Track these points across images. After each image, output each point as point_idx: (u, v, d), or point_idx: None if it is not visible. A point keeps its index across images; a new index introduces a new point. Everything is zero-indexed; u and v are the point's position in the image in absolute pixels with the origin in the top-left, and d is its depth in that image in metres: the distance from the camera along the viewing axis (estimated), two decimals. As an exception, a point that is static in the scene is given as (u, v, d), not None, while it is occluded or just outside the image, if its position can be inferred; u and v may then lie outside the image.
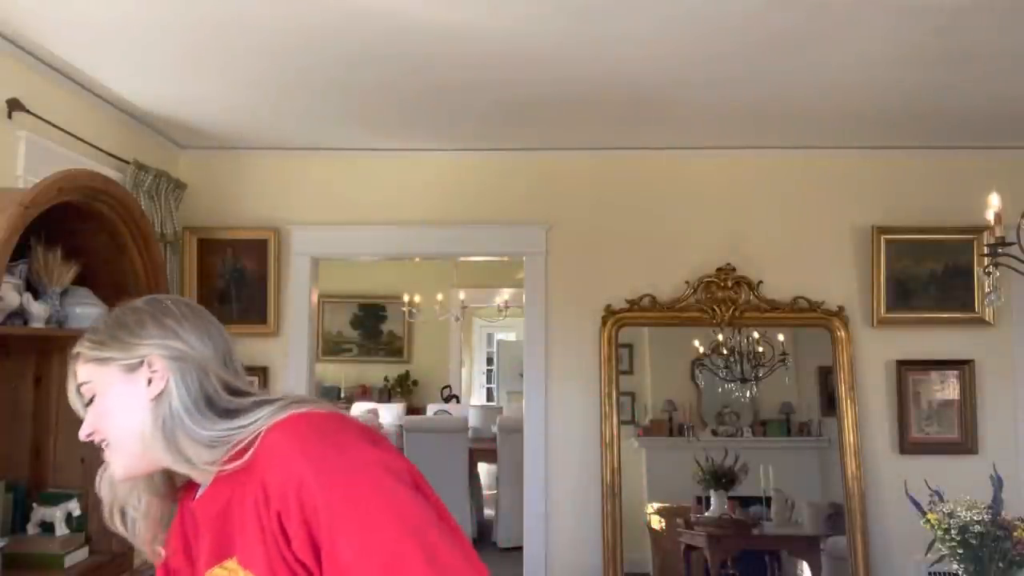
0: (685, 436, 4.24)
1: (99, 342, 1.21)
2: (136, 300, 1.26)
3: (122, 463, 1.21)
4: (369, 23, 2.69)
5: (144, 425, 1.18)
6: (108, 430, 1.20)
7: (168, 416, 1.17)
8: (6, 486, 2.49)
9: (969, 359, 4.01)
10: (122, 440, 1.20)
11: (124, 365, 1.20)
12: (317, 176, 4.23)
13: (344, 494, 1.06)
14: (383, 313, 9.01)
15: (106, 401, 1.20)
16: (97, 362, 1.21)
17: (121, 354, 1.20)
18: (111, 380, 1.20)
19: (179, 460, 1.17)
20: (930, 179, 4.10)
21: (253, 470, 1.11)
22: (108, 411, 1.20)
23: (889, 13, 2.62)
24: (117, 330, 1.22)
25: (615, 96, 3.41)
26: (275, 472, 1.09)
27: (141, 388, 1.19)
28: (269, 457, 1.11)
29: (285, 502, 1.07)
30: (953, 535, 2.40)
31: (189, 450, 1.16)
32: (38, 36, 2.81)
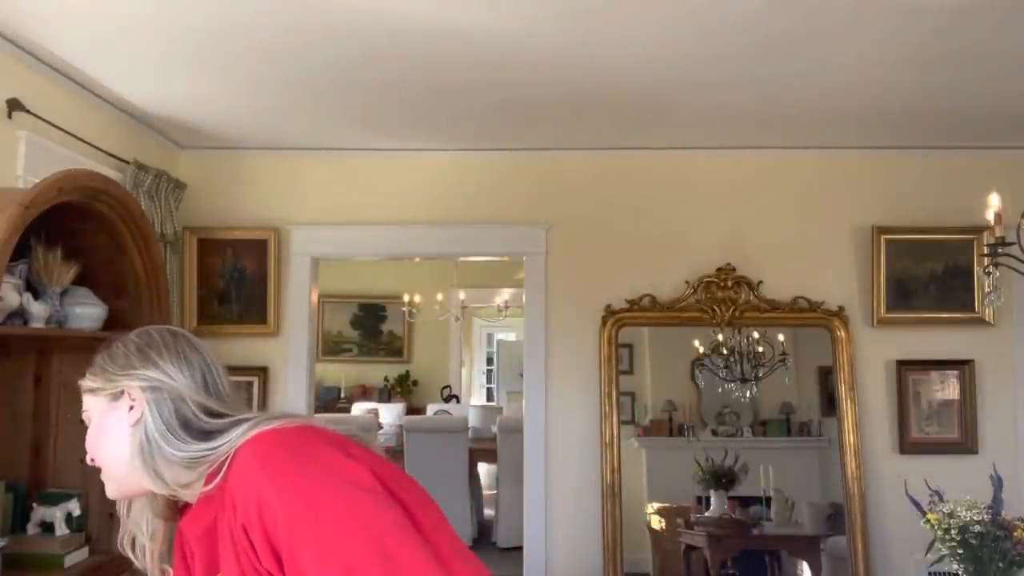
0: (685, 436, 4.24)
1: (92, 374, 1.33)
2: (131, 332, 1.36)
3: (112, 487, 1.32)
4: (369, 23, 2.69)
5: (125, 450, 1.27)
6: (98, 455, 1.31)
7: (145, 441, 1.26)
8: (6, 486, 2.49)
9: (969, 359, 4.01)
10: (109, 464, 1.30)
11: (109, 395, 1.30)
12: (317, 176, 4.23)
13: (303, 505, 1.09)
14: (383, 313, 9.00)
15: (97, 429, 1.31)
16: (90, 392, 1.32)
17: (105, 385, 1.31)
18: (100, 409, 1.31)
19: (158, 482, 1.26)
20: (930, 179, 4.10)
21: (225, 488, 1.17)
22: (99, 438, 1.31)
23: (889, 13, 2.63)
24: (106, 363, 1.32)
25: (615, 96, 3.41)
26: (239, 487, 1.14)
27: (123, 415, 1.28)
28: (236, 474, 1.16)
29: (248, 516, 1.12)
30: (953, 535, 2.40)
31: (166, 472, 1.25)
32: (38, 36, 2.81)
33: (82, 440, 1.34)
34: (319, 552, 1.07)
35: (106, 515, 2.62)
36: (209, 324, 4.07)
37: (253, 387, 4.07)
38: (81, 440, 1.34)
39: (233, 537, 1.15)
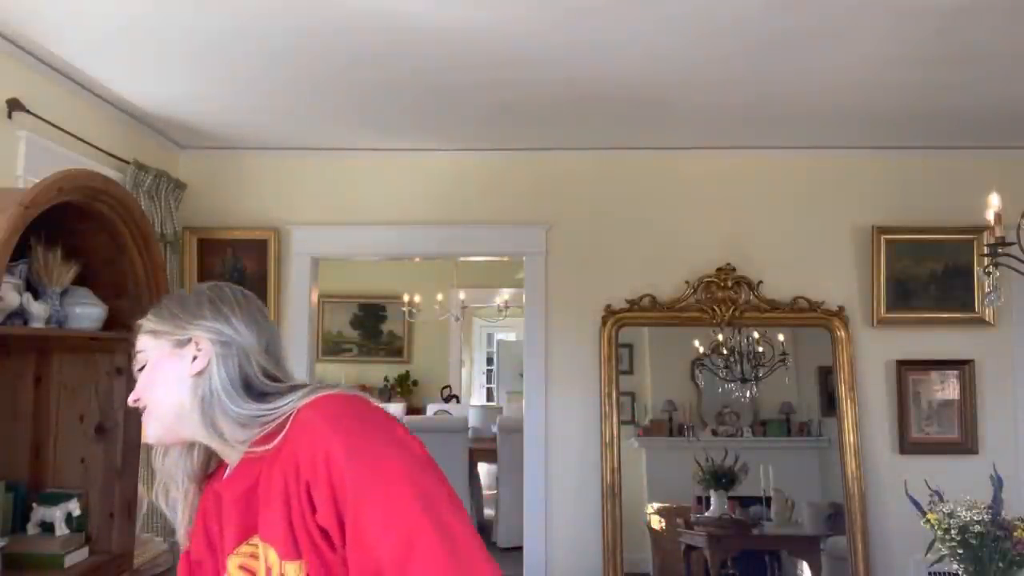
0: (685, 436, 4.24)
1: (158, 317, 1.34)
2: (201, 284, 1.39)
3: (154, 429, 1.31)
4: (369, 23, 2.69)
5: (183, 398, 1.28)
6: (150, 398, 1.31)
7: (208, 393, 1.27)
8: (6, 486, 2.49)
9: (969, 359, 4.01)
10: (159, 408, 1.30)
11: (174, 340, 1.31)
12: (317, 176, 4.23)
13: (371, 468, 1.14)
14: (383, 313, 9.00)
15: (154, 371, 1.31)
16: (152, 334, 1.33)
17: (173, 330, 1.31)
18: (161, 353, 1.31)
19: (212, 434, 1.27)
20: (930, 179, 4.10)
21: (283, 448, 1.19)
22: (154, 380, 1.31)
23: (889, 14, 2.63)
24: (175, 308, 1.33)
25: (615, 96, 3.41)
26: (306, 445, 1.16)
27: (186, 364, 1.29)
28: (301, 433, 1.18)
29: (315, 472, 1.14)
30: (953, 535, 2.40)
31: (224, 426, 1.26)
32: (38, 36, 2.81)
33: (82, 440, 1.34)
34: (384, 514, 1.11)
35: (106, 515, 2.62)
36: (209, 324, 4.07)
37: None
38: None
39: (288, 494, 1.17)
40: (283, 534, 1.17)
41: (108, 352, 2.65)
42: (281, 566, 1.17)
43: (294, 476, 1.17)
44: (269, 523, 1.20)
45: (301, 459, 1.16)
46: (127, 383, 2.64)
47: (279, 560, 1.18)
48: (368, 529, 1.11)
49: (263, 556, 1.21)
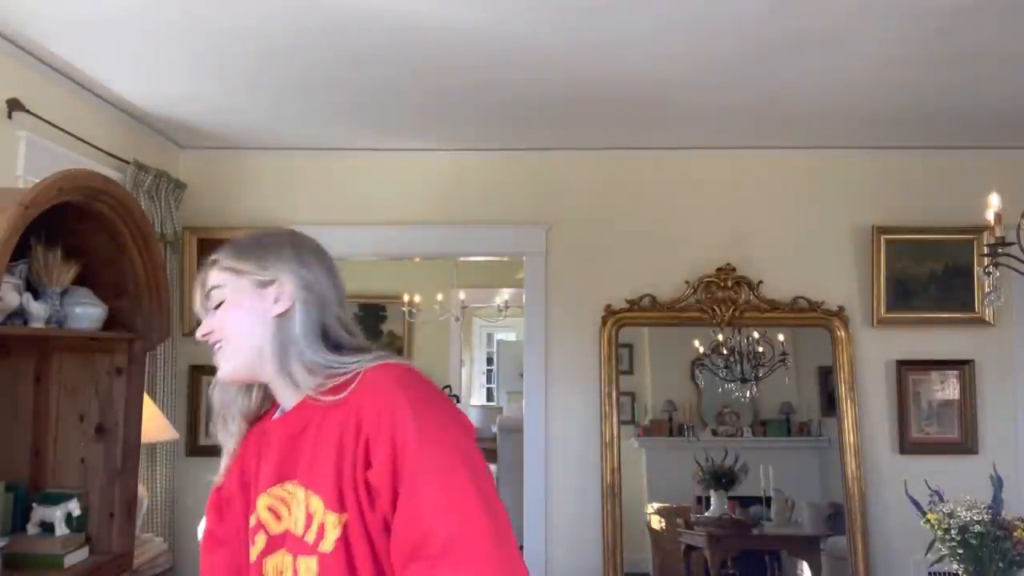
0: (685, 436, 4.24)
1: (239, 255, 1.33)
2: (276, 228, 1.41)
3: (230, 367, 1.32)
4: (370, 23, 2.69)
5: (263, 339, 1.29)
6: (228, 335, 1.31)
7: (288, 336, 1.28)
8: (6, 486, 2.49)
9: (969, 359, 4.01)
10: (237, 347, 1.31)
11: (257, 280, 1.31)
12: (317, 176, 4.22)
13: (435, 441, 1.17)
14: (383, 313, 8.99)
15: (233, 309, 1.31)
16: (233, 272, 1.32)
17: (257, 270, 1.31)
18: (242, 291, 1.31)
19: (283, 376, 1.28)
20: (930, 179, 4.10)
21: (346, 402, 1.22)
22: (233, 319, 1.30)
23: (890, 14, 2.62)
24: (258, 248, 1.34)
25: (615, 96, 3.41)
26: (372, 403, 1.20)
27: (267, 305, 1.30)
28: (368, 391, 1.21)
29: (379, 429, 1.17)
30: (953, 535, 2.40)
31: (296, 370, 1.27)
32: (38, 36, 2.81)
33: (82, 440, 1.34)
34: (442, 490, 1.14)
35: (106, 515, 2.62)
36: (209, 324, 4.07)
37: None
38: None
39: (342, 446, 1.20)
40: (331, 485, 1.20)
41: (108, 352, 2.65)
42: (324, 515, 1.20)
43: (354, 430, 1.19)
44: (316, 472, 1.22)
45: (365, 415, 1.19)
46: (127, 383, 2.65)
47: (324, 509, 1.20)
48: (425, 501, 1.13)
49: (303, 502, 1.23)
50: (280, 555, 1.27)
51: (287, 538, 1.25)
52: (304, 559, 1.21)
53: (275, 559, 1.27)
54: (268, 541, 1.29)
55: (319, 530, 1.20)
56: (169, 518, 3.78)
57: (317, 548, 1.20)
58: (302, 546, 1.22)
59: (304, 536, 1.21)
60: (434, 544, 1.11)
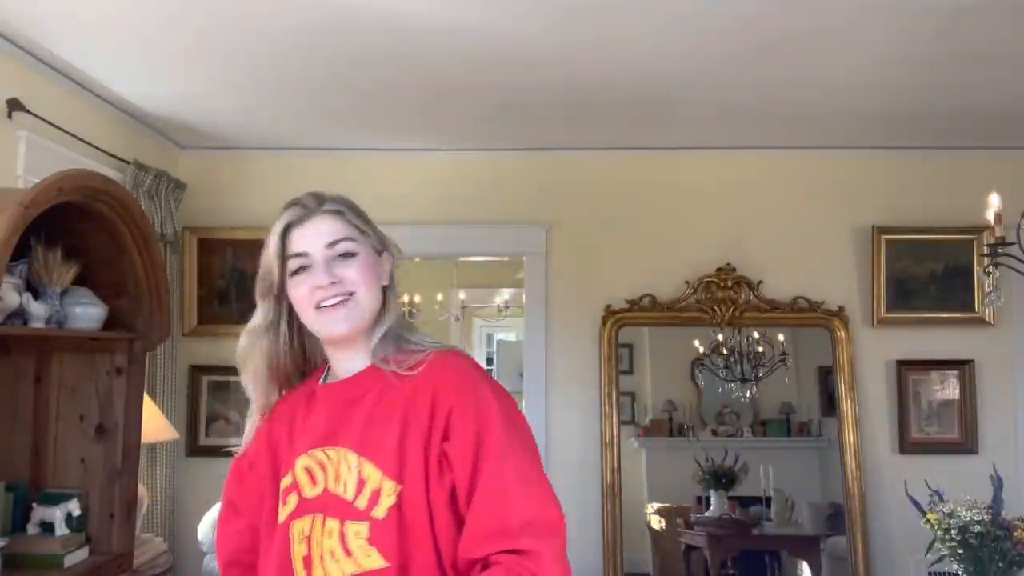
0: (685, 436, 4.24)
1: (362, 218, 1.35)
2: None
3: (352, 323, 1.29)
4: (369, 23, 2.69)
5: (377, 304, 1.31)
6: (360, 290, 1.29)
7: (392, 306, 1.33)
8: (6, 486, 2.49)
9: (969, 359, 4.01)
10: (364, 305, 1.30)
11: (374, 247, 1.34)
12: (317, 176, 4.20)
13: (511, 419, 1.24)
14: (383, 313, 8.99)
15: (367, 264, 1.31)
16: (359, 230, 1.33)
17: (376, 237, 1.35)
18: (368, 251, 1.33)
19: (368, 342, 1.30)
20: (930, 179, 4.10)
21: (415, 378, 1.24)
22: (367, 276, 1.30)
23: (890, 14, 2.62)
24: (367, 217, 1.36)
25: (615, 96, 3.41)
26: (455, 380, 1.24)
27: (380, 272, 1.33)
28: (447, 370, 1.26)
29: (463, 405, 1.21)
30: (953, 535, 2.40)
31: (378, 339, 1.30)
32: (38, 36, 2.81)
33: (82, 440, 1.33)
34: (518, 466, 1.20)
35: (106, 515, 2.62)
36: (209, 324, 4.07)
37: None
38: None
39: (408, 418, 1.22)
40: (392, 454, 1.21)
41: (108, 352, 2.65)
42: (381, 482, 1.21)
43: (428, 404, 1.22)
44: (375, 440, 1.23)
45: (444, 391, 1.22)
46: (127, 383, 2.65)
47: (381, 476, 1.21)
48: (509, 481, 1.18)
49: (355, 468, 1.23)
50: (309, 519, 1.25)
51: (328, 502, 1.24)
52: (353, 524, 1.20)
53: (302, 523, 1.26)
54: (299, 504, 1.27)
55: (372, 496, 1.20)
56: (169, 518, 3.78)
57: (370, 513, 1.20)
58: (351, 511, 1.21)
59: (355, 501, 1.21)
60: (514, 521, 1.15)
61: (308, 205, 1.34)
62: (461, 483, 1.19)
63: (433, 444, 1.20)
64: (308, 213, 1.33)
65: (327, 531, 1.22)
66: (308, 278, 1.29)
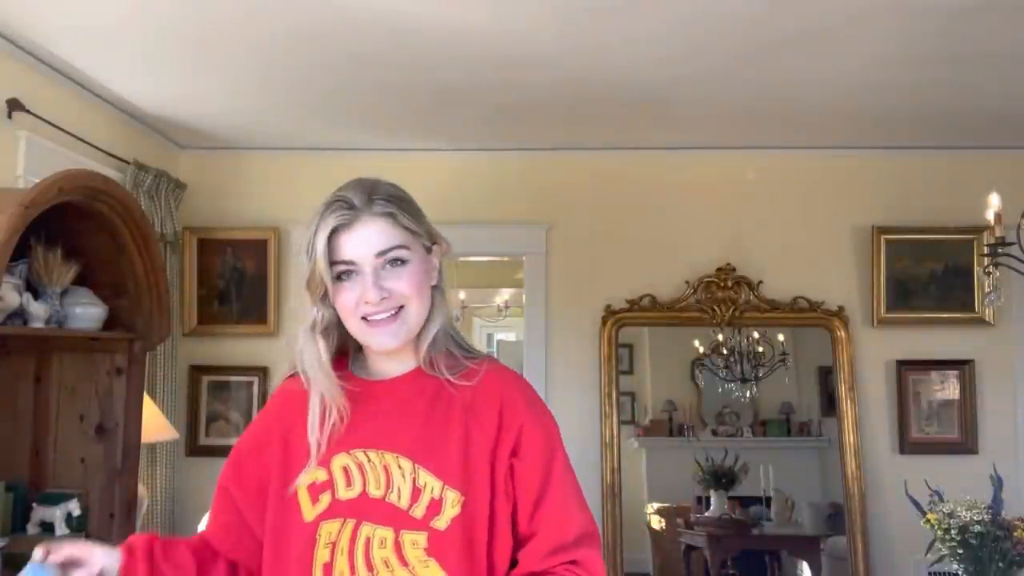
0: (685, 436, 4.24)
1: (413, 215, 1.24)
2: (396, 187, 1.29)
3: (404, 335, 1.22)
4: (370, 23, 2.69)
5: (427, 308, 1.24)
6: (412, 301, 1.21)
7: (446, 309, 1.26)
8: (6, 486, 2.49)
9: (969, 359, 4.00)
10: (418, 311, 1.22)
11: (425, 247, 1.25)
12: (317, 176, 4.19)
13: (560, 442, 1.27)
14: (383, 313, 8.99)
15: (418, 272, 1.22)
16: (411, 233, 1.23)
17: (426, 234, 1.26)
18: (419, 254, 1.24)
19: (423, 346, 1.24)
20: (930, 179, 4.09)
21: (476, 388, 1.22)
22: (420, 284, 1.22)
23: (891, 14, 2.62)
24: (418, 210, 1.26)
25: (615, 96, 3.41)
26: (520, 397, 1.24)
27: (430, 273, 1.25)
28: (508, 385, 1.25)
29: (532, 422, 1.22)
30: (953, 535, 2.40)
31: (437, 341, 1.24)
32: (38, 36, 2.81)
33: (82, 440, 1.31)
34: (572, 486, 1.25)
35: (106, 515, 2.62)
36: (209, 324, 4.07)
37: (253, 387, 4.07)
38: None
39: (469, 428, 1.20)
40: (456, 464, 1.18)
41: (108, 352, 2.65)
42: (443, 490, 1.17)
43: (494, 415, 1.20)
44: (432, 448, 1.19)
45: (511, 406, 1.21)
46: (127, 383, 2.65)
47: (443, 486, 1.18)
48: (570, 502, 1.23)
49: (409, 475, 1.18)
50: (338, 524, 1.19)
51: (369, 508, 1.18)
52: (410, 534, 1.16)
53: (331, 526, 1.19)
54: (331, 504, 1.20)
55: (432, 505, 1.16)
56: (169, 518, 3.78)
57: (429, 524, 1.16)
58: (406, 520, 1.16)
59: (410, 510, 1.17)
60: (570, 537, 1.20)
61: (357, 205, 1.20)
62: (527, 500, 1.20)
63: (500, 458, 1.19)
64: (356, 215, 1.20)
65: (379, 540, 1.16)
66: (355, 287, 1.20)
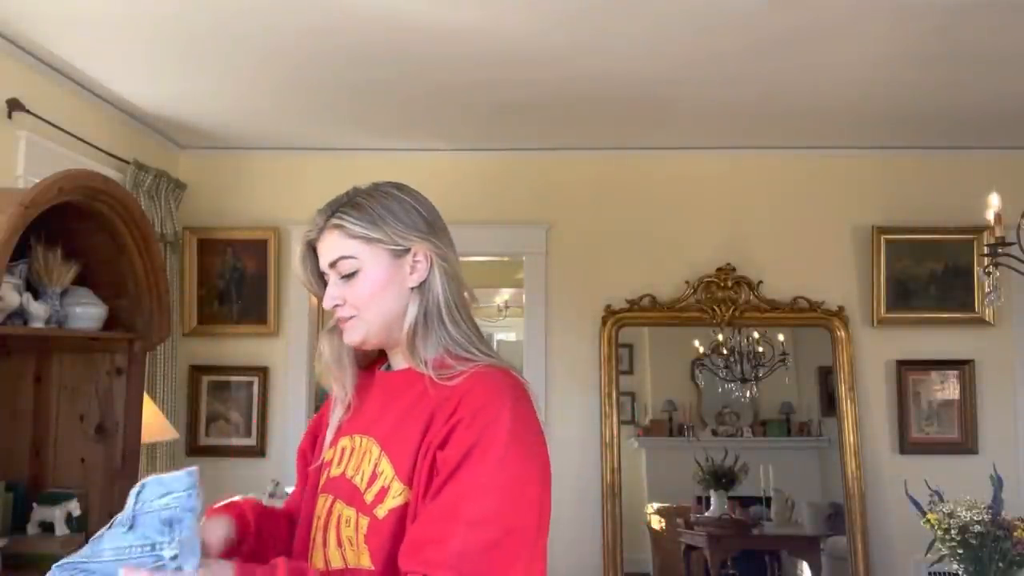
0: (685, 436, 4.24)
1: (370, 222, 1.25)
2: (394, 189, 1.29)
3: (360, 335, 1.27)
4: (369, 23, 2.69)
5: (401, 310, 1.25)
6: (364, 308, 1.25)
7: (430, 305, 1.25)
8: (6, 486, 2.49)
9: (969, 359, 4.01)
10: (372, 320, 1.26)
11: (391, 250, 1.25)
12: (317, 176, 4.22)
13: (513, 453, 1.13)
14: (383, 313, 8.99)
15: (374, 279, 1.25)
16: (365, 240, 1.25)
17: (392, 239, 1.25)
18: (377, 260, 1.25)
19: (409, 347, 1.25)
20: (930, 179, 4.10)
21: (452, 388, 1.19)
22: (370, 292, 1.25)
23: (890, 12, 2.63)
24: (389, 216, 1.26)
25: (615, 96, 3.41)
26: (483, 395, 1.16)
27: (404, 275, 1.26)
28: (484, 383, 1.18)
29: (472, 415, 1.14)
30: (953, 535, 2.40)
31: (421, 343, 1.25)
32: (38, 36, 2.81)
33: (82, 440, 1.33)
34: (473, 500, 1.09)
35: (106, 515, 2.61)
36: (209, 324, 4.07)
37: (253, 387, 4.07)
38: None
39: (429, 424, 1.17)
40: (408, 456, 1.18)
41: (108, 352, 2.65)
42: (392, 481, 1.18)
43: (449, 410, 1.16)
44: (398, 439, 1.20)
45: (465, 402, 1.15)
46: (127, 383, 2.65)
47: (393, 475, 1.18)
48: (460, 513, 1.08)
49: (374, 461, 1.22)
50: (323, 499, 1.28)
51: (343, 488, 1.25)
52: (363, 517, 1.19)
53: (322, 500, 1.29)
54: (326, 482, 1.30)
55: (379, 493, 1.18)
56: (169, 518, 3.78)
57: (372, 510, 1.18)
58: (361, 503, 1.20)
59: (364, 494, 1.20)
60: (444, 549, 1.07)
61: (317, 221, 1.28)
62: (424, 491, 1.13)
63: (430, 450, 1.15)
64: (319, 229, 1.28)
65: (344, 519, 1.22)
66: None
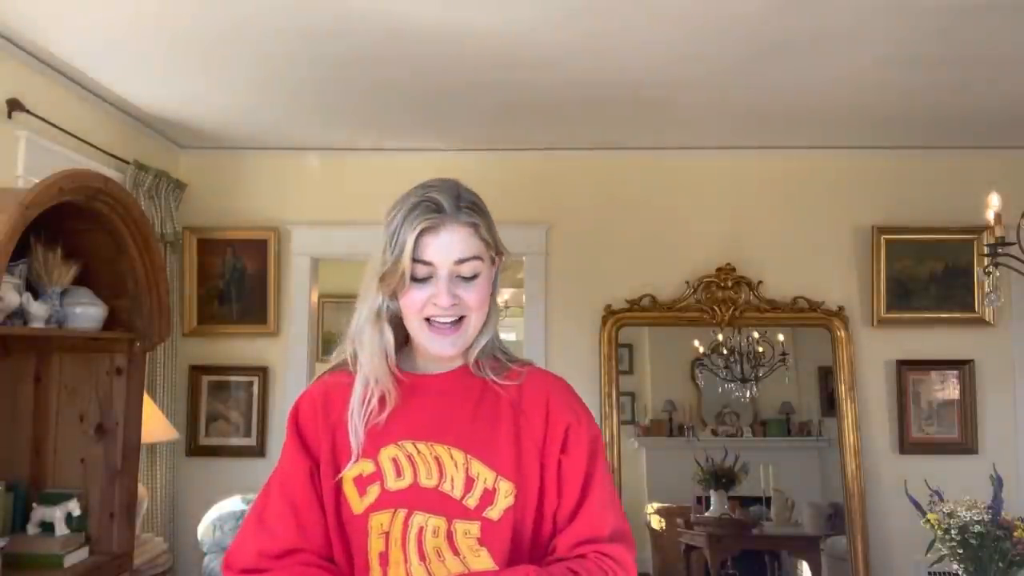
0: (685, 436, 4.24)
1: (490, 228, 1.24)
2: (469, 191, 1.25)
3: (462, 343, 1.25)
4: (370, 23, 2.69)
5: (484, 317, 1.26)
6: (474, 310, 1.23)
7: (494, 313, 1.27)
8: (6, 486, 2.49)
9: (969, 359, 4.01)
10: (477, 322, 1.25)
11: (492, 258, 1.25)
12: (317, 176, 4.22)
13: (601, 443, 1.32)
14: (383, 313, 8.98)
15: (484, 285, 1.24)
16: (487, 245, 1.23)
17: (497, 247, 1.26)
18: (489, 267, 1.25)
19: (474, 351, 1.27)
20: (930, 179, 4.10)
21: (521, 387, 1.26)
22: (483, 296, 1.24)
23: (890, 14, 2.62)
24: (492, 221, 1.25)
25: (615, 96, 3.41)
26: (565, 399, 1.29)
27: (492, 283, 1.27)
28: (552, 385, 1.30)
29: (577, 423, 1.26)
30: (953, 535, 2.40)
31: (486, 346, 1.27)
32: (38, 36, 2.81)
33: (82, 440, 1.30)
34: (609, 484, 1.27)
35: (106, 515, 2.62)
36: (209, 324, 4.07)
37: (253, 387, 4.07)
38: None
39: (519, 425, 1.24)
40: (508, 455, 1.22)
41: (108, 352, 2.65)
42: (496, 481, 1.21)
43: (540, 413, 1.24)
44: (483, 440, 1.23)
45: (556, 405, 1.26)
46: (127, 383, 2.65)
47: (496, 476, 1.21)
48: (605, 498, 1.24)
49: (462, 466, 1.22)
50: (388, 514, 1.21)
51: (421, 498, 1.20)
52: (463, 523, 1.19)
53: (381, 517, 1.21)
54: (380, 496, 1.22)
55: (485, 495, 1.20)
56: (169, 518, 3.78)
57: (482, 514, 1.20)
58: (460, 509, 1.20)
59: (463, 500, 1.20)
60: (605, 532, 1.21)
61: (445, 209, 1.20)
62: (570, 496, 1.23)
63: (550, 455, 1.24)
64: (442, 220, 1.19)
65: (432, 529, 1.19)
66: (427, 288, 1.21)
